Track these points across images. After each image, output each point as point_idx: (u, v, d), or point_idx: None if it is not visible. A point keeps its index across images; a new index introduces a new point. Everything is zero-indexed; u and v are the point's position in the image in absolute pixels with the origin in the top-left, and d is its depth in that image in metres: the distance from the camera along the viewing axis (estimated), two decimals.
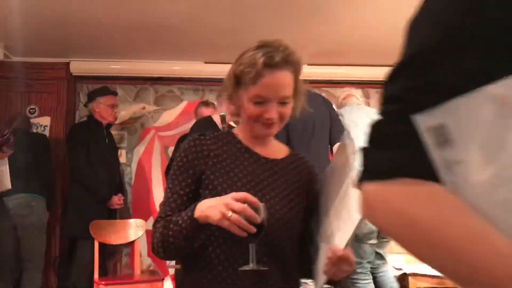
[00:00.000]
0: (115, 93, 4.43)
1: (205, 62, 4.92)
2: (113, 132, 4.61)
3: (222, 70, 5.57)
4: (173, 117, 4.97)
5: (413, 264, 3.34)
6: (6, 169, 3.91)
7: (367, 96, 5.29)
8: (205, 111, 4.21)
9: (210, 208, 1.23)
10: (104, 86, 4.50)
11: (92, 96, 4.32)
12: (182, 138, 4.19)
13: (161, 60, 4.74)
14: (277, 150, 1.54)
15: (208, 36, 4.24)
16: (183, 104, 5.04)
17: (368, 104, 5.28)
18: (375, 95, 5.30)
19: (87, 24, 3.94)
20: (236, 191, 1.27)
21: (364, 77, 5.11)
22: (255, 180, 1.40)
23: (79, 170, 4.03)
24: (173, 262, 3.86)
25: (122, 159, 4.90)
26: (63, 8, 3.64)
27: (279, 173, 1.45)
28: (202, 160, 1.41)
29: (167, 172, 4.32)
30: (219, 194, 1.31)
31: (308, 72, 5.16)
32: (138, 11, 3.70)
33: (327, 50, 4.61)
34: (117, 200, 4.10)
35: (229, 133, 1.52)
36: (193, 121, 5.07)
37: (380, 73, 5.09)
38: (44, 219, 4.23)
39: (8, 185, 3.94)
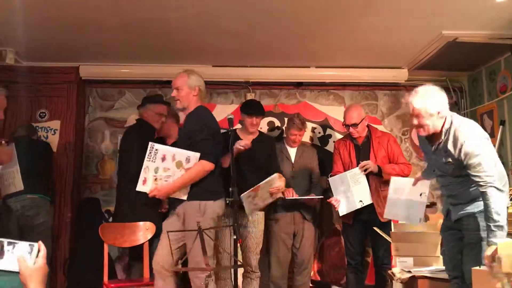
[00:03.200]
0: (166, 103, 4.37)
1: (213, 66, 4.94)
2: None
3: (230, 73, 5.65)
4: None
5: (422, 267, 3.33)
6: (17, 170, 3.97)
7: (375, 98, 5.30)
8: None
9: None
10: (158, 94, 4.61)
11: (143, 102, 4.30)
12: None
13: (170, 63, 4.77)
14: None
15: (216, 40, 4.27)
16: None
17: (377, 106, 5.29)
18: (383, 97, 5.30)
19: (96, 28, 3.99)
20: None
21: (371, 79, 5.12)
22: None
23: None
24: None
25: None
26: (72, 13, 3.69)
27: None
28: None
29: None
30: None
31: (316, 74, 5.15)
32: (147, 15, 3.74)
33: (335, 52, 4.62)
34: (164, 204, 4.04)
35: None
36: None
37: (388, 75, 5.10)
38: (50, 220, 4.29)
39: (20, 186, 4.00)
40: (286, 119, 4.74)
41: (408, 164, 4.09)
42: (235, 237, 3.08)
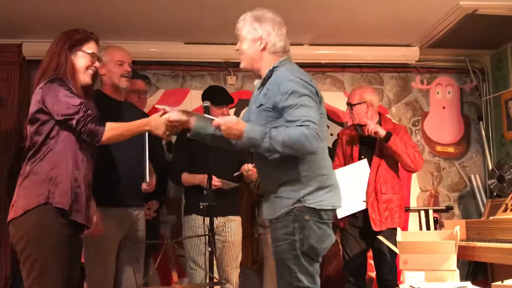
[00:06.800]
0: (141, 77, 4.31)
1: (186, 43, 4.92)
2: None
3: (205, 52, 5.59)
4: (147, 110, 4.95)
5: (434, 283, 3.36)
6: None
7: (380, 82, 5.31)
8: None
9: None
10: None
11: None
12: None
13: (133, 40, 4.71)
14: None
15: (189, 13, 4.25)
16: (160, 94, 5.05)
17: (382, 91, 5.29)
18: (390, 80, 5.32)
19: None
20: None
21: (376, 59, 5.14)
22: None
23: None
24: None
25: None
26: None
27: None
28: None
29: None
30: None
31: (310, 53, 5.12)
32: None
33: (333, 27, 4.61)
34: None
35: None
36: None
37: (395, 54, 5.10)
38: None
39: None
40: None
41: (421, 156, 4.06)
42: (210, 249, 3.11)
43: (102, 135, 2.65)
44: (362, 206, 3.97)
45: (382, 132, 3.90)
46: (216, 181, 3.82)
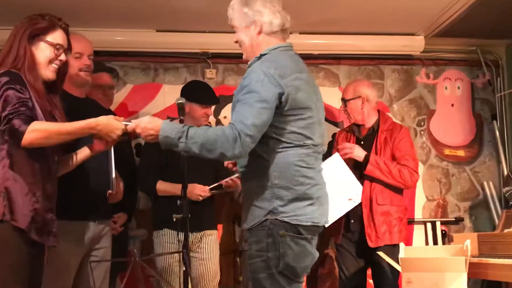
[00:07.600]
0: (107, 70, 4.35)
1: (158, 30, 4.88)
2: None
3: (181, 41, 5.59)
4: (114, 107, 4.89)
5: None
6: None
7: (380, 76, 5.27)
8: None
9: None
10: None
11: None
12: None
13: (97, 27, 4.64)
14: None
15: None
16: (128, 89, 4.99)
17: (383, 86, 5.25)
18: (391, 74, 5.27)
19: None
20: None
21: (376, 50, 5.12)
22: None
23: None
24: None
25: None
26: None
27: None
28: None
29: None
30: None
31: (300, 43, 5.10)
32: None
33: (327, 13, 4.58)
34: None
35: None
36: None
37: (398, 45, 5.10)
38: None
39: None
40: None
41: (413, 170, 3.99)
42: (184, 267, 3.07)
43: (22, 135, 2.46)
44: (350, 205, 3.93)
45: (360, 156, 3.95)
46: (204, 191, 3.90)
